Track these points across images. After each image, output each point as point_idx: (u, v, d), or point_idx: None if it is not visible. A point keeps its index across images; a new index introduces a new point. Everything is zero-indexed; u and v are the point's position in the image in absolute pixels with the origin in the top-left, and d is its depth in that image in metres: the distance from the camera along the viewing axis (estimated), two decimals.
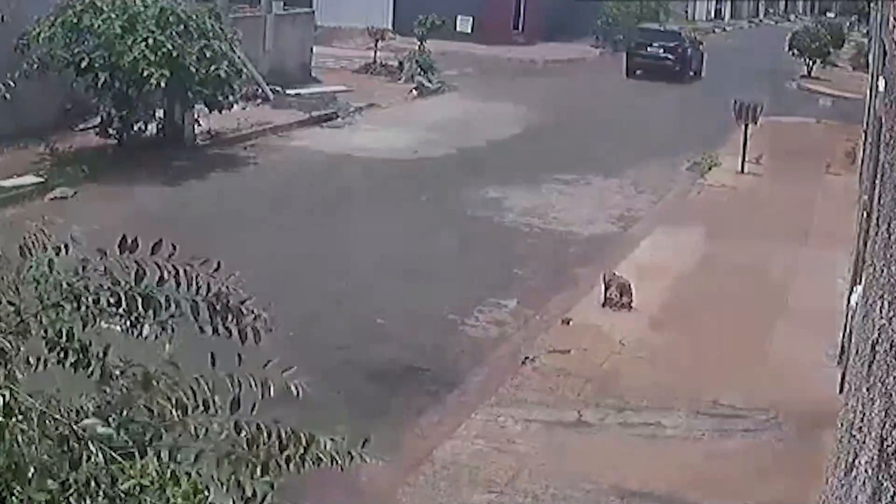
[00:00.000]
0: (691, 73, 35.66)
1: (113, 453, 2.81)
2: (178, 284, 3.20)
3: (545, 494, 7.49)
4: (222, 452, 3.08)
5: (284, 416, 3.28)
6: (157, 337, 3.25)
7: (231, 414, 3.18)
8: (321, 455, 3.17)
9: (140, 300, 3.19)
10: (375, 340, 10.25)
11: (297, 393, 3.25)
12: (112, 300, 3.18)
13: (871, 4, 25.17)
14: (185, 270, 3.20)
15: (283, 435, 3.15)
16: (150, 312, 3.20)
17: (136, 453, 2.91)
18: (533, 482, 7.62)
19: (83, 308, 3.17)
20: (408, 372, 9.64)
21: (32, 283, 3.20)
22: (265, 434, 3.13)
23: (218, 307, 3.24)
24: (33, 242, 3.28)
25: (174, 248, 3.26)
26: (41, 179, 15.02)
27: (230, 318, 3.27)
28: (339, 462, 3.19)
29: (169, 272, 3.19)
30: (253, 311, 3.31)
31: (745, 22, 79.00)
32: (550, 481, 7.64)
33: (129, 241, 3.22)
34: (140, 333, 3.23)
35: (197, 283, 3.23)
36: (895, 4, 6.10)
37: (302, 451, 3.14)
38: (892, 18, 6.12)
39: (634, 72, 34.70)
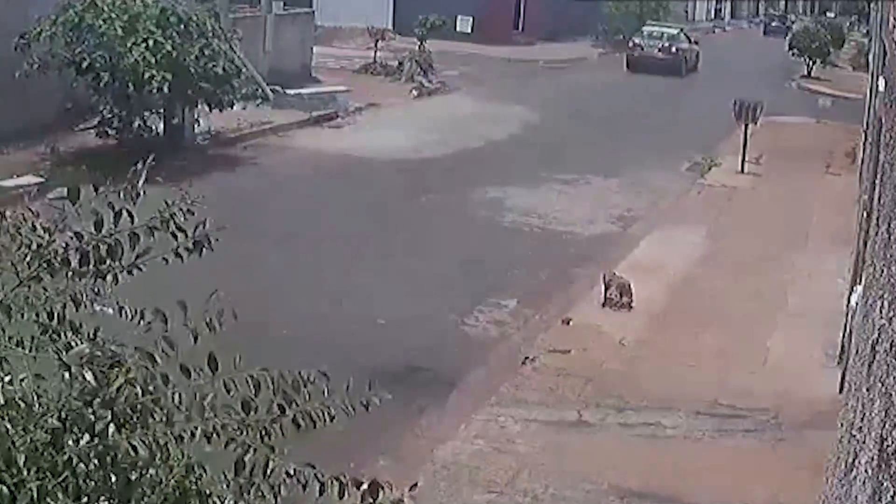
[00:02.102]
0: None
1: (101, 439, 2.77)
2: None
3: (545, 494, 7.49)
4: (216, 425, 3.03)
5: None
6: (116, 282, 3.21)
7: (212, 373, 3.10)
8: (312, 413, 3.16)
9: (105, 248, 3.17)
10: (375, 340, 10.25)
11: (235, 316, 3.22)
12: (78, 256, 3.15)
13: (871, 4, 25.17)
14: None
15: (274, 383, 3.12)
16: (117, 261, 3.19)
17: (136, 423, 2.88)
18: (533, 482, 7.63)
19: (57, 274, 3.13)
20: (408, 372, 9.64)
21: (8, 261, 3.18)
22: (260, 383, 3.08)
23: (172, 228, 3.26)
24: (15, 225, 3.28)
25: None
26: (41, 179, 15.02)
27: (184, 236, 3.29)
28: (332, 418, 3.19)
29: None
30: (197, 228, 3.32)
31: (744, 22, 79.27)
32: (550, 481, 7.64)
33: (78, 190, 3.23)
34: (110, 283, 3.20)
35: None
36: (895, 4, 6.09)
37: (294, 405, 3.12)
38: (892, 18, 6.11)
39: (767, 33, 65.47)
